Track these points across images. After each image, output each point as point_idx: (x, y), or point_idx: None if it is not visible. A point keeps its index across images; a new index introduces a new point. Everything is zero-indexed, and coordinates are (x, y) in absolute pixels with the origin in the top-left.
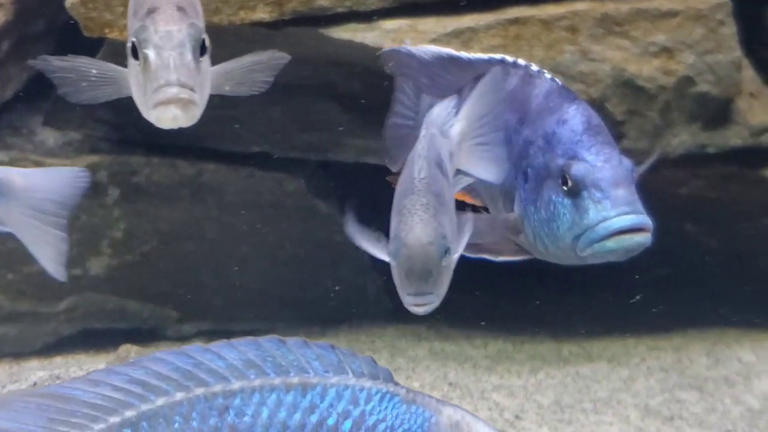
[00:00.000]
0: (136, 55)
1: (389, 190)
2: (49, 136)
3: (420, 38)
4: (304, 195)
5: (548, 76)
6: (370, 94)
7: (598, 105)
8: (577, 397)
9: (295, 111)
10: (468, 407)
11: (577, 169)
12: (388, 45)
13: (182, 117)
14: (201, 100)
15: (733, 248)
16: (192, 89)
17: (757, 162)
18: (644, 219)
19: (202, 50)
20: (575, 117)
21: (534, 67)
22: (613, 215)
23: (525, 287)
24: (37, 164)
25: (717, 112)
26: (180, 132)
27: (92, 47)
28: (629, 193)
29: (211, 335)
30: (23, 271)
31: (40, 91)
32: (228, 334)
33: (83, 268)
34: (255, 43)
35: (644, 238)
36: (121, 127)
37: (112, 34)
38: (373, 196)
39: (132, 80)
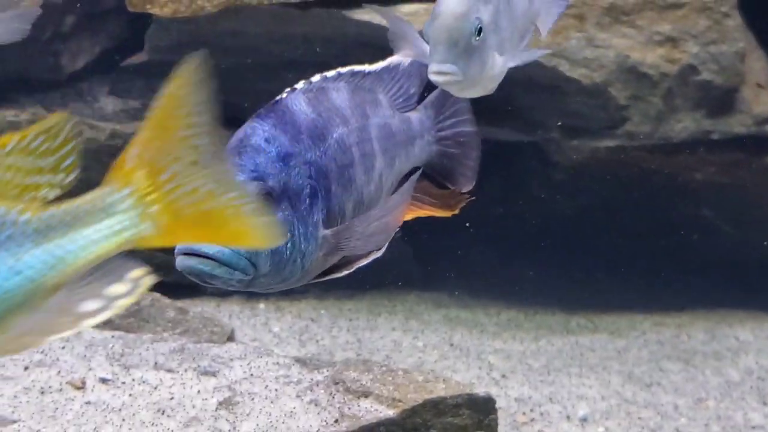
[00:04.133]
0: None
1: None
2: (110, 104)
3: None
4: None
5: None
6: None
7: (601, 90)
8: (567, 362)
9: None
10: (461, 366)
11: None
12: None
13: None
14: None
15: (745, 233)
16: None
17: (761, 150)
18: (204, 246)
19: None
20: None
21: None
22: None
23: (548, 264)
24: (93, 128)
25: (720, 100)
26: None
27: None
28: None
29: (251, 294)
30: None
31: (110, 64)
32: (266, 296)
33: None
34: (287, 22)
35: (198, 264)
36: None
37: (153, 10)
38: None
39: None
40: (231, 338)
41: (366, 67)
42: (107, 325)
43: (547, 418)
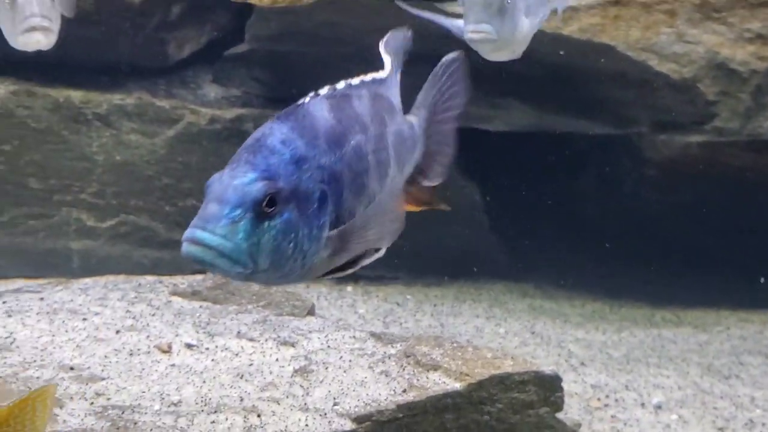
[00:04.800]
0: None
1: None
2: (212, 91)
3: None
4: None
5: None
6: (485, 66)
7: (690, 85)
8: (647, 353)
9: (419, 78)
10: (540, 353)
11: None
12: None
13: (44, 41)
14: (56, 30)
15: None
16: (50, 20)
17: None
18: (208, 237)
19: None
20: None
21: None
22: (193, 226)
23: (637, 258)
24: (193, 113)
25: None
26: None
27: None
28: (217, 210)
29: (340, 278)
30: (179, 204)
31: (214, 53)
32: (355, 279)
33: None
34: (382, 14)
35: (200, 252)
36: (274, 86)
37: (253, 0)
38: (491, 163)
39: (1, 18)
40: (311, 313)
41: (380, 74)
42: (196, 296)
43: (621, 404)
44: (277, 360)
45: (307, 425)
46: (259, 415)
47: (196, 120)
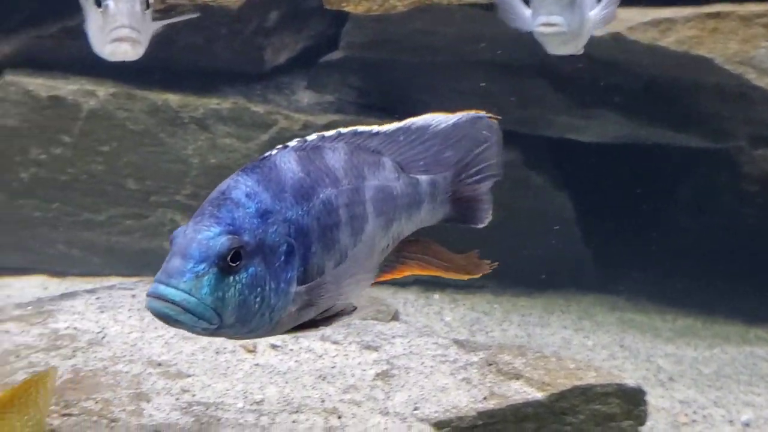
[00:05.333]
0: (99, 4)
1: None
2: (306, 97)
3: (620, 25)
4: (519, 166)
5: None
6: (579, 76)
7: None
8: (739, 370)
9: (512, 87)
10: (628, 366)
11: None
12: None
13: (131, 52)
14: (145, 42)
15: None
16: (138, 32)
17: None
18: (172, 293)
19: (147, 5)
20: None
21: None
22: (157, 281)
23: (733, 274)
24: (287, 118)
25: None
26: (413, 101)
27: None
28: (180, 265)
29: (427, 285)
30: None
31: (309, 60)
32: (442, 286)
33: None
34: (476, 22)
35: (164, 308)
36: (367, 93)
37: (348, 8)
38: (584, 174)
39: (91, 23)
40: (395, 318)
41: (374, 128)
42: None
43: (709, 420)
44: (359, 363)
45: (386, 428)
46: (339, 417)
47: (289, 125)
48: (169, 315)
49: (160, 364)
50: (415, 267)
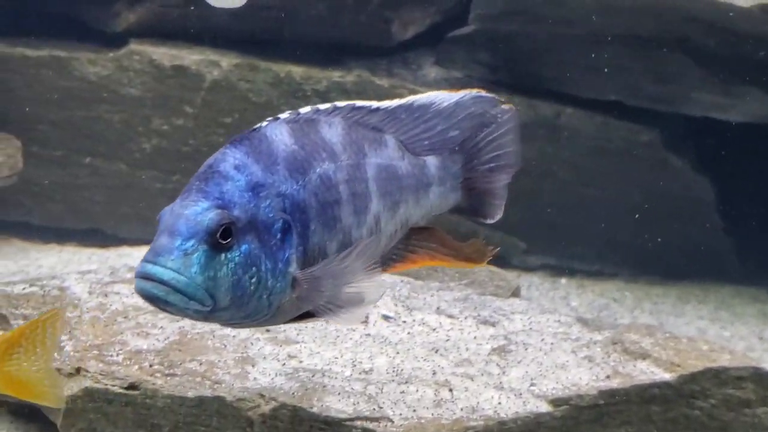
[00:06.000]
0: None
1: (743, 152)
2: (432, 72)
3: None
4: (656, 147)
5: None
6: (724, 52)
7: None
8: None
9: (649, 62)
10: (767, 359)
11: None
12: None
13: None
14: None
15: None
16: None
17: None
18: (159, 271)
19: None
20: None
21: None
22: (144, 260)
23: None
24: (412, 92)
25: None
26: (543, 77)
27: None
28: (168, 243)
29: (554, 270)
30: None
31: (437, 36)
32: (570, 272)
33: None
34: None
35: (152, 288)
36: (496, 68)
37: None
38: (727, 157)
39: None
40: (515, 294)
41: (374, 103)
42: None
43: None
44: (475, 338)
45: (500, 403)
46: (450, 390)
47: None
48: (158, 296)
49: (268, 330)
50: (425, 257)
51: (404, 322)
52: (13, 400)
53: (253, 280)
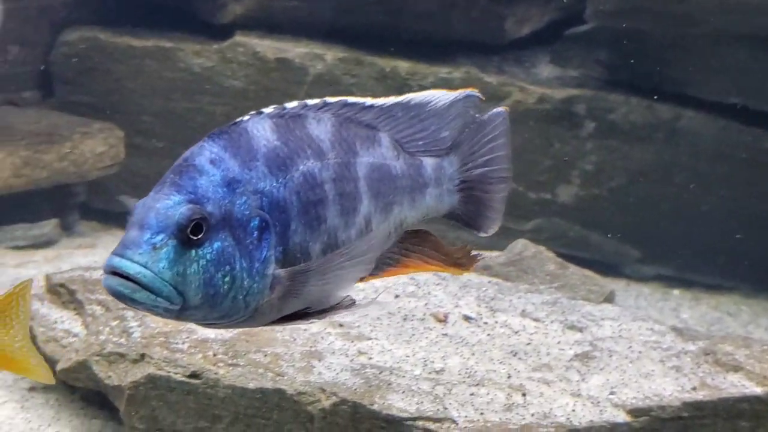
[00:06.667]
0: None
1: None
2: (546, 71)
3: None
4: None
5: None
6: None
7: None
8: None
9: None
10: None
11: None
12: None
13: None
14: None
15: None
16: None
17: None
18: (126, 265)
19: None
20: None
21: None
22: (112, 253)
23: None
24: (522, 90)
25: None
26: (664, 77)
27: None
28: (137, 236)
29: (670, 281)
30: None
31: (554, 34)
32: (687, 284)
33: (552, 194)
34: None
35: (118, 284)
36: (614, 68)
37: None
38: None
39: None
40: (608, 300)
41: (368, 100)
42: (486, 270)
43: None
44: (558, 342)
45: (574, 410)
46: (524, 394)
47: (523, 98)
48: (123, 293)
49: (341, 325)
50: (418, 262)
51: (485, 323)
52: (86, 387)
53: (227, 279)
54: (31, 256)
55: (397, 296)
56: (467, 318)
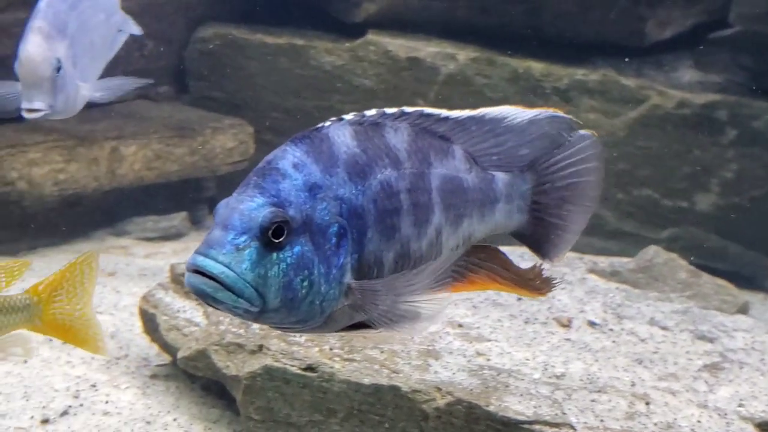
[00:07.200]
0: None
1: None
2: (687, 74)
3: None
4: None
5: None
6: None
7: None
8: None
9: None
10: None
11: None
12: None
13: None
14: None
15: None
16: None
17: None
18: (210, 264)
19: None
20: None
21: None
22: (196, 252)
23: None
24: (661, 94)
25: None
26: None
27: None
28: (221, 236)
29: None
30: (633, 193)
31: (698, 37)
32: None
33: (690, 202)
34: None
35: (201, 283)
36: (761, 74)
37: None
38: None
39: None
40: (742, 311)
41: (443, 112)
42: (614, 276)
43: None
44: (687, 352)
45: (699, 422)
46: (647, 403)
47: (662, 102)
48: (206, 292)
49: (461, 326)
50: (485, 279)
51: (611, 330)
52: (204, 376)
53: (305, 283)
54: (160, 247)
55: (519, 299)
56: (592, 324)
